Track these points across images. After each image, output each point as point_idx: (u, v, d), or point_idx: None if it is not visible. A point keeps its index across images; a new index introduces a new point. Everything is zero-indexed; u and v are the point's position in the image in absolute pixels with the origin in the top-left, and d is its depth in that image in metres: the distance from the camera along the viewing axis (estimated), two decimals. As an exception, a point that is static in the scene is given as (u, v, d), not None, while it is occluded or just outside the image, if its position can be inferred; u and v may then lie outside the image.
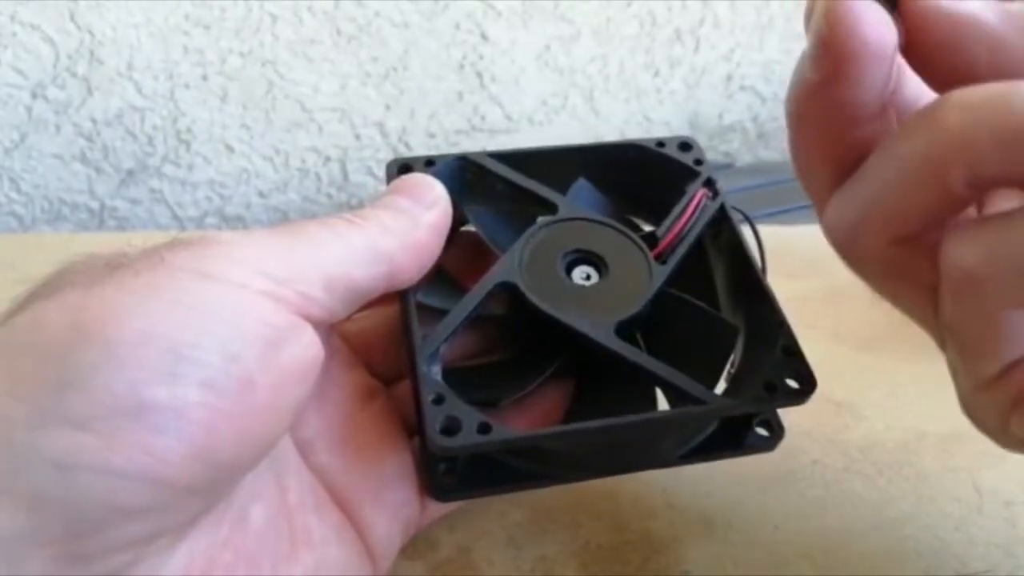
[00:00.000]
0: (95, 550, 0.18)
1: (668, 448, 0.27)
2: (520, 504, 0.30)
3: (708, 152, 0.30)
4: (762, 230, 0.30)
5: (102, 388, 0.17)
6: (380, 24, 0.53)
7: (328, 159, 0.58)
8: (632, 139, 0.31)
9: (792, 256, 0.38)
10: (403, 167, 0.28)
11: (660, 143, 0.30)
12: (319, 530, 0.23)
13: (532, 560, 0.28)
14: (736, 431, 0.27)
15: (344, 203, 0.60)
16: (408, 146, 0.59)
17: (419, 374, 0.24)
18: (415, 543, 0.28)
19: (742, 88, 0.63)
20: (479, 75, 0.56)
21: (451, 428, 0.22)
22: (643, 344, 0.27)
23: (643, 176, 0.30)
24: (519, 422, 0.25)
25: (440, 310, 0.25)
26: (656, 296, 0.26)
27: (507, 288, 0.26)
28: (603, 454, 0.27)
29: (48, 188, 0.57)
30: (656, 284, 0.26)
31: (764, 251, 0.29)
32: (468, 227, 0.29)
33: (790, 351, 0.25)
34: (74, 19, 0.50)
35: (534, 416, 0.26)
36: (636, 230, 0.29)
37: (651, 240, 0.28)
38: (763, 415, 0.27)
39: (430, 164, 0.29)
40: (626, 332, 0.25)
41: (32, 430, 0.17)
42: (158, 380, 0.18)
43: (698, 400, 0.24)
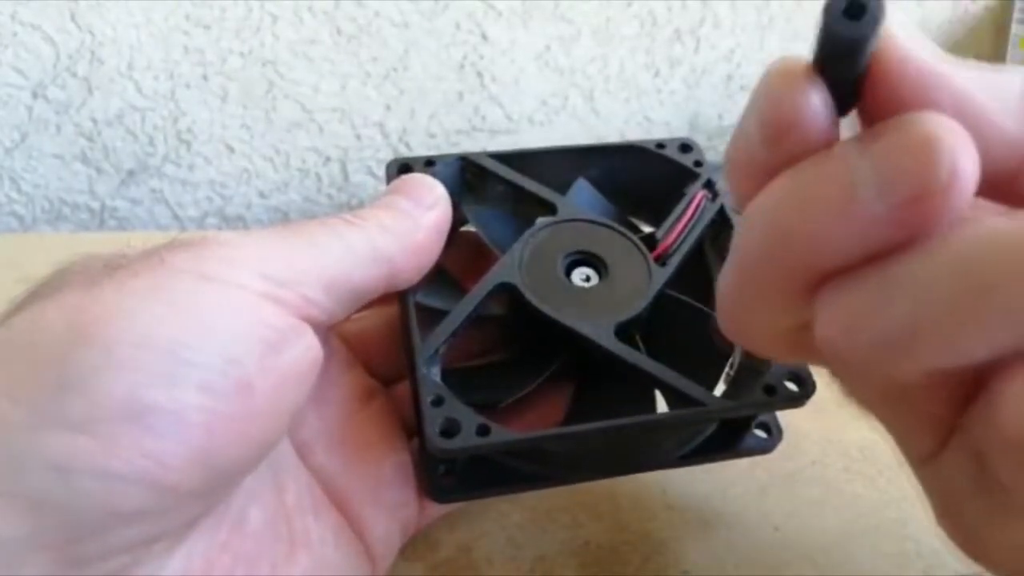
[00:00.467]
0: (94, 553, 0.18)
1: (667, 449, 0.27)
2: (520, 504, 0.30)
3: (708, 153, 0.30)
4: (762, 231, 0.30)
5: (101, 390, 0.17)
6: (380, 24, 0.53)
7: (328, 159, 0.58)
8: (632, 140, 0.30)
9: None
10: (403, 167, 0.28)
11: (660, 144, 0.30)
12: (317, 531, 0.23)
13: (532, 560, 0.28)
14: (735, 433, 0.27)
15: (345, 203, 0.60)
16: (408, 146, 0.58)
17: (418, 375, 0.24)
18: (414, 543, 0.28)
19: (742, 88, 0.62)
20: (479, 75, 0.56)
21: (450, 430, 0.22)
22: (643, 346, 0.27)
23: (643, 177, 0.30)
24: (518, 423, 0.25)
25: (440, 311, 0.25)
26: (656, 298, 0.26)
27: (507, 289, 0.26)
28: (603, 455, 0.27)
29: (48, 188, 0.57)
30: (656, 286, 0.26)
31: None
32: (468, 227, 0.29)
33: None
34: (75, 19, 0.50)
35: (533, 417, 0.26)
36: (636, 231, 0.29)
37: (651, 242, 0.28)
38: (762, 417, 0.27)
39: (430, 164, 0.29)
40: (625, 334, 0.25)
41: (31, 432, 0.17)
42: (157, 382, 0.18)
43: (697, 402, 0.24)
